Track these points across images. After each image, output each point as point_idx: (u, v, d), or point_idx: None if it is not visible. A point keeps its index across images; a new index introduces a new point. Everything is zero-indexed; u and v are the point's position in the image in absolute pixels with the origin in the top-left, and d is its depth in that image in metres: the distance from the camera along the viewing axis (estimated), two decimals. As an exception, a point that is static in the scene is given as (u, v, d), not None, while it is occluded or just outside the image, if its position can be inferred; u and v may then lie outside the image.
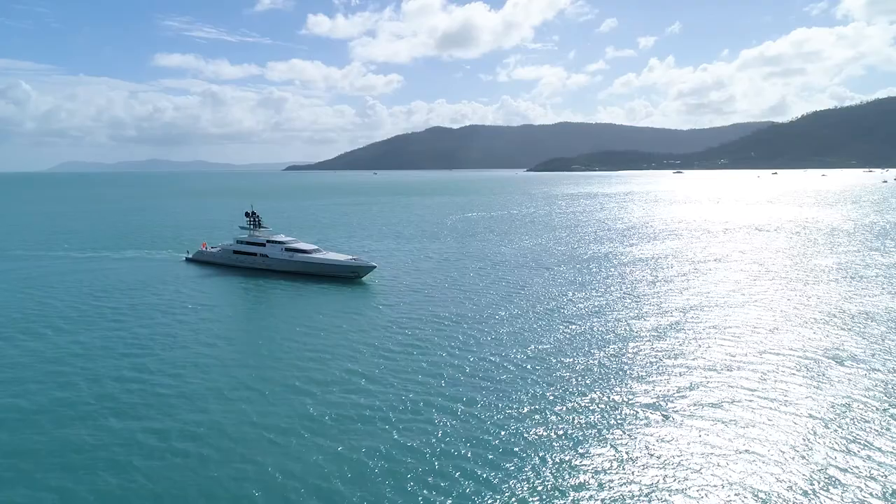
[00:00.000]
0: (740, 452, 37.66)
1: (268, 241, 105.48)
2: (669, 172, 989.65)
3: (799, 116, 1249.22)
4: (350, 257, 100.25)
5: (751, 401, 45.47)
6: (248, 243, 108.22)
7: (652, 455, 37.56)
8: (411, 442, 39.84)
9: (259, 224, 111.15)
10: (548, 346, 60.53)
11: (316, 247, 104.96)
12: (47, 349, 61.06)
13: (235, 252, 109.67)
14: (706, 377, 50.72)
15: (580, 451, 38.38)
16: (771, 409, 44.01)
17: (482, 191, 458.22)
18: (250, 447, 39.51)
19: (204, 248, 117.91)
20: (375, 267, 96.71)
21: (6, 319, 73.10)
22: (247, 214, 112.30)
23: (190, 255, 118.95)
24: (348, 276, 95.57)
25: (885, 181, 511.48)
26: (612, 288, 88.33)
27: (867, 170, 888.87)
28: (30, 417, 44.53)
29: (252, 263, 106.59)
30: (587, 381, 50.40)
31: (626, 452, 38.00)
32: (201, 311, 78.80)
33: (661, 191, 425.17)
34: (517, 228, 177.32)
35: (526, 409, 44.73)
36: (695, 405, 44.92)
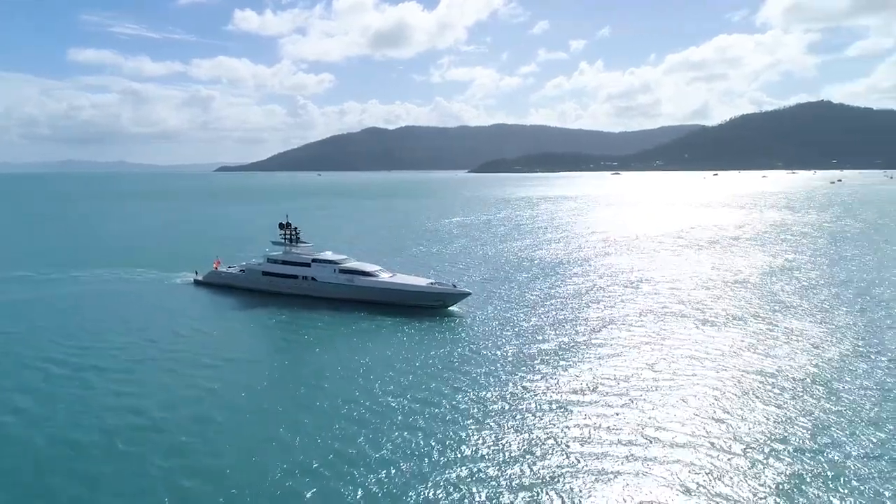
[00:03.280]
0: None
1: (314, 261, 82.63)
2: (608, 174, 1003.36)
3: (727, 120, 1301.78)
4: (430, 281, 78.97)
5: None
6: (287, 262, 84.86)
7: None
8: None
9: (298, 238, 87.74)
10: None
11: (378, 267, 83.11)
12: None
13: (266, 274, 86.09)
14: None
15: None
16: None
17: (442, 192, 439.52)
18: None
19: (217, 268, 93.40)
20: (470, 294, 76.08)
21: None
22: (281, 226, 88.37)
23: (199, 277, 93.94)
24: (431, 306, 74.58)
25: (833, 182, 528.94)
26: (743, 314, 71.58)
27: (791, 171, 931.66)
28: None
29: (292, 288, 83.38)
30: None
31: None
32: (238, 361, 56.52)
33: (632, 192, 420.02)
34: (548, 235, 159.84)
35: None
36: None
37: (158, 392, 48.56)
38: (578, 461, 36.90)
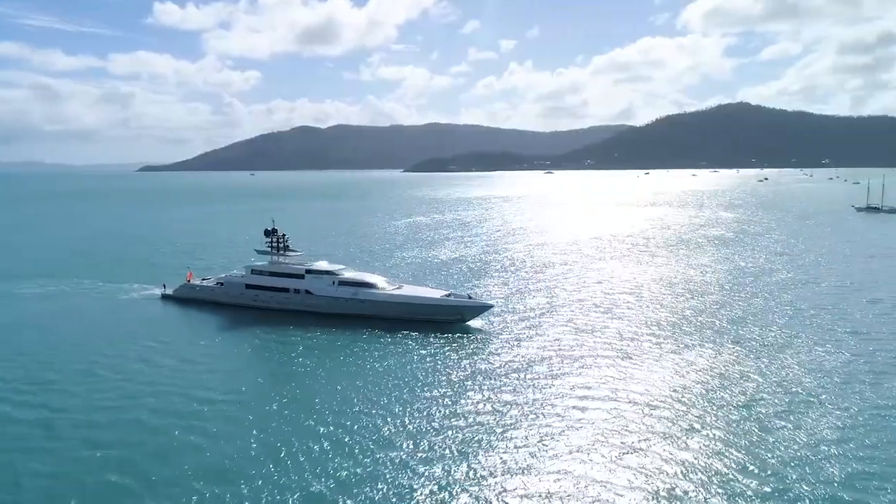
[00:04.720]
0: None
1: (308, 272, 73.65)
2: (541, 173, 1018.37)
3: (653, 120, 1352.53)
4: (444, 293, 71.62)
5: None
6: (275, 274, 75.34)
7: None
8: None
9: (287, 247, 78.27)
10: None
11: (382, 277, 75.03)
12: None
13: (251, 287, 76.30)
14: None
15: None
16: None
17: (389, 192, 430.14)
18: None
19: (190, 281, 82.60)
20: (492, 306, 69.34)
21: None
22: (266, 233, 78.57)
23: (169, 291, 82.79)
24: (447, 321, 67.35)
25: (761, 180, 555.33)
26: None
27: (714, 170, 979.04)
28: None
29: (283, 303, 73.97)
30: None
31: None
32: (224, 402, 46.52)
33: (579, 192, 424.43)
34: (533, 238, 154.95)
35: None
36: None
37: (127, 450, 38.20)
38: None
